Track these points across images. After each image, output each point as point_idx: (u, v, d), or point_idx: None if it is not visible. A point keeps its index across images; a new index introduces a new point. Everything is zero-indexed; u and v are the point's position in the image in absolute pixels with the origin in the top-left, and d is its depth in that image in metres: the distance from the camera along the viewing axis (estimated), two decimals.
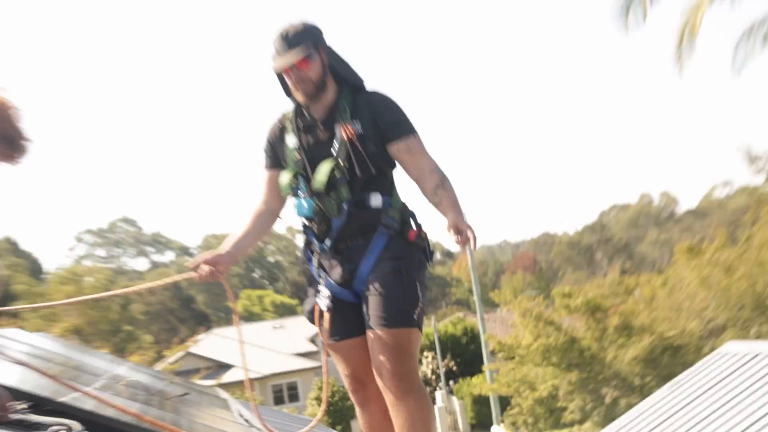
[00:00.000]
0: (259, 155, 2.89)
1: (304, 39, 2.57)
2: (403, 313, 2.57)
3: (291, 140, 2.75)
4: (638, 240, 44.89)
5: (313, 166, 2.65)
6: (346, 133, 2.62)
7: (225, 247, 2.79)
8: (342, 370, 2.80)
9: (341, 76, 2.67)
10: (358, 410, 2.87)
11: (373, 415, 2.78)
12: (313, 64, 2.58)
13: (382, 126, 2.63)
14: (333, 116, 2.67)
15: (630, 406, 10.76)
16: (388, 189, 2.68)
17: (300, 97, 2.66)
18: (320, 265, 2.70)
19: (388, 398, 2.58)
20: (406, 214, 2.72)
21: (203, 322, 35.67)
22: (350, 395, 2.87)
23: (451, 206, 2.54)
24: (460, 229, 2.42)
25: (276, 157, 2.81)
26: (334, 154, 2.61)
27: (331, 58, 2.64)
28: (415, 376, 2.64)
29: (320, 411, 3.18)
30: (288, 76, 2.59)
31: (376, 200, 2.64)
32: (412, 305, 2.57)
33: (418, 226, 2.69)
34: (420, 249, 2.68)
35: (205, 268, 2.64)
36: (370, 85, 2.77)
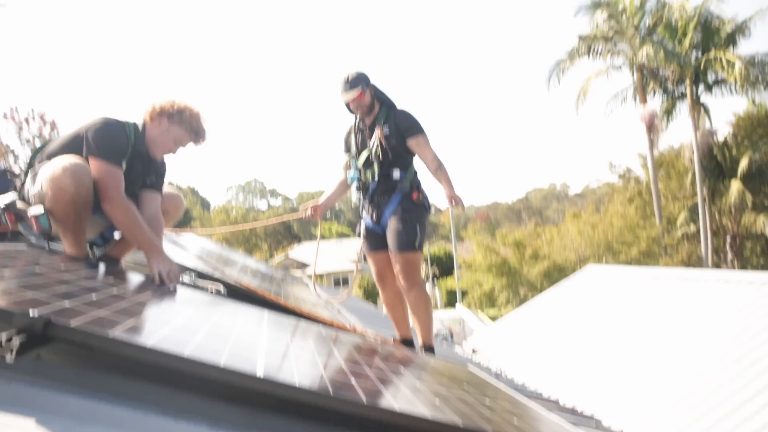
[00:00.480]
0: (341, 144, 3.94)
1: (360, 81, 3.67)
2: (406, 243, 3.57)
3: (353, 138, 3.85)
4: (546, 208, 61.82)
5: (361, 153, 3.76)
6: (379, 134, 3.67)
7: (321, 200, 4.03)
8: (372, 268, 3.91)
9: (381, 101, 3.75)
10: (380, 292, 3.98)
11: (388, 294, 3.91)
12: (366, 96, 3.69)
13: (401, 129, 3.65)
14: (374, 124, 3.73)
15: (533, 298, 13.37)
16: (405, 167, 3.68)
17: (359, 114, 3.78)
18: (364, 209, 3.82)
19: (402, 290, 3.72)
20: (415, 183, 3.71)
21: (296, 239, 50.95)
22: (376, 283, 3.99)
23: (447, 183, 3.60)
24: (455, 198, 3.59)
25: (348, 146, 3.88)
26: (370, 146, 3.70)
27: (374, 91, 3.73)
28: (418, 277, 3.68)
29: (351, 286, 4.94)
30: (351, 103, 3.70)
31: (396, 174, 3.67)
32: (413, 238, 3.57)
33: (421, 191, 3.67)
34: (420, 205, 3.66)
35: (309, 212, 3.93)
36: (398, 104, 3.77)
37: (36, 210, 2.52)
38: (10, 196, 2.70)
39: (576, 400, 5.42)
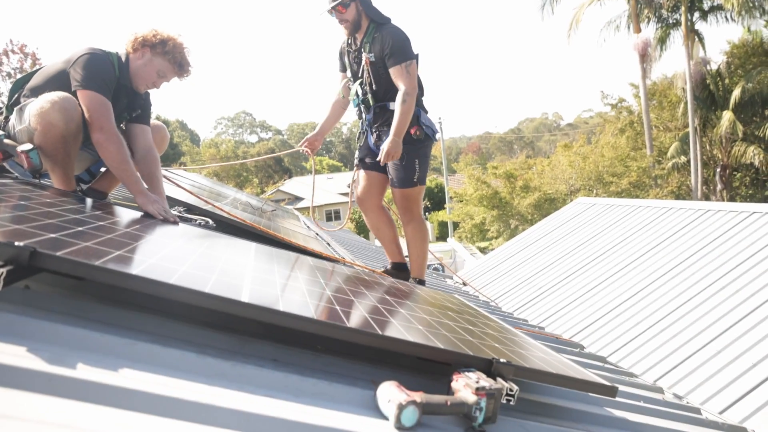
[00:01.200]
0: (335, 62, 3.63)
1: None
2: (404, 180, 3.44)
3: (347, 57, 3.51)
4: (537, 139, 61.77)
5: (355, 80, 3.45)
6: (365, 62, 3.34)
7: (317, 129, 3.76)
8: (357, 189, 3.69)
9: (370, 17, 3.31)
10: (363, 214, 3.79)
11: (370, 217, 3.74)
12: (349, 10, 3.26)
13: (385, 55, 3.27)
14: (361, 47, 3.37)
15: (524, 230, 14.45)
16: None
17: (344, 32, 3.37)
18: (365, 133, 3.60)
19: (402, 222, 3.65)
20: (415, 114, 3.34)
21: (287, 172, 51.80)
22: (359, 206, 3.77)
23: (395, 126, 3.22)
24: (386, 151, 3.22)
25: (343, 65, 3.57)
26: (360, 76, 3.40)
27: (362, 4, 3.28)
28: (417, 209, 3.60)
29: (345, 220, 7.27)
30: (334, 17, 3.29)
31: (391, 106, 3.36)
32: (411, 175, 3.42)
33: (421, 123, 3.37)
34: (418, 139, 3.38)
35: (305, 148, 3.74)
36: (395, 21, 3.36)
37: (26, 146, 2.50)
38: None
39: (561, 329, 5.60)
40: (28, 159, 2.49)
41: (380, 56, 3.31)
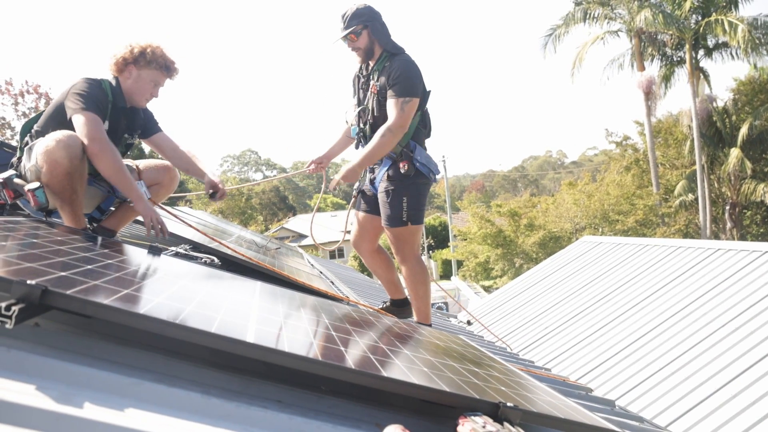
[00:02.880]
0: (342, 97, 4.83)
1: (356, 19, 3.19)
2: (391, 218, 3.28)
3: (356, 83, 3.47)
4: (542, 177, 62.21)
5: (360, 106, 3.40)
6: (372, 89, 3.28)
7: (326, 151, 3.66)
8: (353, 230, 3.65)
9: (384, 46, 3.25)
10: (359, 255, 3.73)
11: (366, 259, 3.67)
12: (360, 38, 3.23)
13: (389, 84, 3.18)
14: (370, 75, 3.32)
15: (528, 269, 14.54)
16: None
17: (356, 60, 3.35)
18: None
19: (398, 261, 3.44)
20: (407, 149, 3.24)
21: (291, 210, 52.50)
22: (354, 249, 3.73)
23: (361, 156, 3.18)
24: (342, 177, 3.21)
25: (355, 91, 3.49)
26: (364, 103, 3.35)
27: (374, 32, 3.23)
28: (410, 251, 3.37)
29: (341, 239, 4.54)
30: (347, 45, 3.27)
31: None
32: (398, 213, 3.23)
33: (413, 159, 3.22)
34: (407, 176, 3.22)
35: (312, 166, 3.55)
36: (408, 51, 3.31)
37: (32, 185, 2.56)
38: (7, 173, 2.72)
39: (568, 371, 5.53)
40: (34, 197, 2.54)
41: (385, 85, 3.24)
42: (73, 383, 1.08)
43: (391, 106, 3.15)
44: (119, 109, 2.89)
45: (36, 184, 2.55)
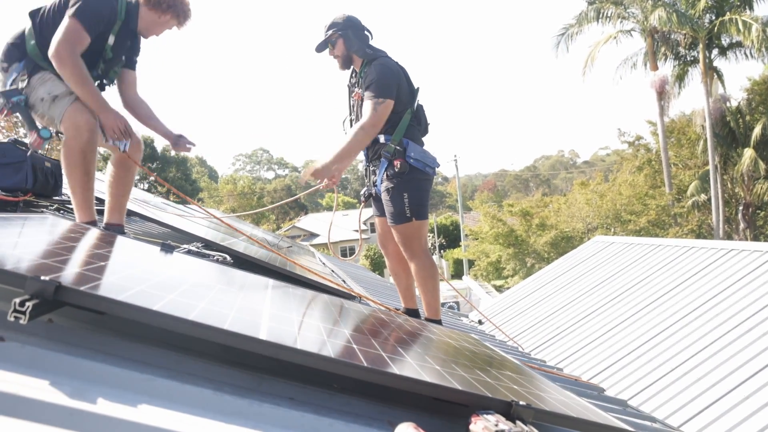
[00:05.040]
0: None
1: (331, 29, 3.33)
2: (394, 215, 3.32)
3: (348, 93, 3.55)
4: (554, 177, 61.82)
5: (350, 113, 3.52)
6: (356, 96, 3.41)
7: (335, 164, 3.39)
8: (377, 233, 3.73)
9: (362, 54, 3.33)
10: (385, 257, 3.80)
11: (391, 262, 3.71)
12: (336, 47, 3.35)
13: (364, 88, 3.26)
14: (356, 82, 3.45)
15: (540, 269, 14.50)
16: (390, 130, 3.28)
17: (338, 67, 3.45)
18: (366, 174, 3.60)
19: (407, 258, 3.47)
20: (401, 148, 3.28)
21: (303, 209, 53.22)
22: (380, 249, 3.78)
23: (336, 153, 3.17)
24: (316, 172, 3.19)
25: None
26: (349, 110, 3.48)
27: (347, 41, 3.32)
28: (418, 246, 3.38)
29: (358, 252, 4.37)
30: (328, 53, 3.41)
31: (381, 138, 3.30)
32: (400, 209, 3.27)
33: (407, 156, 3.25)
34: (402, 173, 3.24)
35: (326, 181, 3.44)
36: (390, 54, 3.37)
37: (44, 133, 2.67)
38: (16, 97, 2.71)
39: (580, 370, 5.49)
40: (39, 138, 2.63)
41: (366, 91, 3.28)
42: (87, 379, 1.09)
43: (366, 106, 3.22)
44: (129, 30, 2.91)
45: (47, 133, 2.67)
